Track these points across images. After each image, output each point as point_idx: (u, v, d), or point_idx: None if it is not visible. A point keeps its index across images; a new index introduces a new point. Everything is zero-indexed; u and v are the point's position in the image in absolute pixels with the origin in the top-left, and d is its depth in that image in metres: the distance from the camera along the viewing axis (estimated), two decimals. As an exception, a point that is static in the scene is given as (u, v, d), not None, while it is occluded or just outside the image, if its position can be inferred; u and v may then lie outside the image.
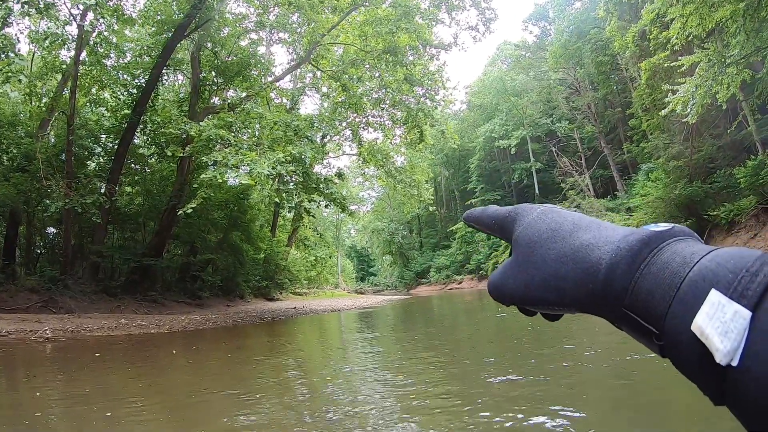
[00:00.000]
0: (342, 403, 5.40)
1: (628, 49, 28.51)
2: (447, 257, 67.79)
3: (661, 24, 23.86)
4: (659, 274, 0.41)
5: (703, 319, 0.36)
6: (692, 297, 0.37)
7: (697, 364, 0.36)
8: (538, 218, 0.55)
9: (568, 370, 6.36)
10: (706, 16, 15.80)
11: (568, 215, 0.54)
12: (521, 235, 0.55)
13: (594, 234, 0.48)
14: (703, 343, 0.36)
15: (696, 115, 16.93)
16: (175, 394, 6.32)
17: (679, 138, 27.18)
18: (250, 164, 14.70)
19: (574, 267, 0.47)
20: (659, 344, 0.40)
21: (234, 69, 24.34)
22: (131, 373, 7.96)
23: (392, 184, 27.61)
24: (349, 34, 25.36)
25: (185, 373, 7.97)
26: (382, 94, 25.45)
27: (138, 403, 5.78)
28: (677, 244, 0.43)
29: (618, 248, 0.44)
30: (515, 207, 0.60)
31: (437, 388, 5.91)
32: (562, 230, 0.51)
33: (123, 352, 10.48)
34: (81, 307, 18.29)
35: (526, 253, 0.53)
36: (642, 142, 38.85)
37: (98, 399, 6.02)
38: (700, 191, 24.92)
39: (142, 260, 22.52)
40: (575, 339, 8.88)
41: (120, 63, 24.42)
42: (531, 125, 58.29)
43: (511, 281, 0.54)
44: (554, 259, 0.49)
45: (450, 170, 78.15)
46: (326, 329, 16.81)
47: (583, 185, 50.19)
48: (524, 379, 5.89)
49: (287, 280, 39.54)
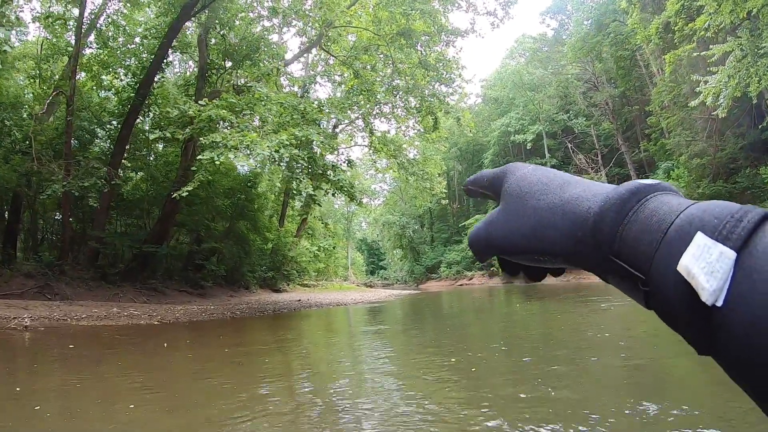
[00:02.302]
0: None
1: (651, 42, 27.56)
2: (458, 252, 66.89)
3: (687, 15, 23.03)
4: (646, 220, 0.42)
5: (689, 260, 0.36)
6: (679, 240, 0.38)
7: (683, 306, 0.37)
8: (529, 173, 0.57)
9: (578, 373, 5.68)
10: (740, 3, 14.85)
11: (559, 173, 0.55)
12: (511, 185, 0.57)
13: (584, 188, 0.50)
14: (688, 283, 0.36)
15: (726, 107, 16.03)
16: (119, 406, 5.55)
17: (702, 135, 26.26)
18: (250, 145, 13.96)
19: (564, 217, 0.48)
20: (645, 290, 0.41)
21: (242, 53, 23.66)
22: (92, 372, 7.26)
23: (404, 177, 26.81)
24: (363, 19, 24.66)
25: (153, 375, 7.22)
26: (396, 81, 24.64)
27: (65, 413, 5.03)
28: (665, 195, 0.44)
29: (607, 197, 0.45)
30: (507, 165, 0.62)
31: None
32: (552, 184, 0.53)
33: (100, 345, 9.81)
34: (77, 294, 17.72)
35: (516, 202, 0.54)
36: (660, 140, 37.98)
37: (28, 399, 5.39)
38: (723, 191, 24.03)
39: (142, 247, 21.93)
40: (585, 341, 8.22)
41: (127, 47, 23.98)
42: (547, 120, 57.26)
43: (498, 230, 0.55)
44: (544, 209, 0.51)
45: (463, 165, 77.17)
46: (328, 326, 15.99)
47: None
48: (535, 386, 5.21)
49: (295, 271, 38.98)
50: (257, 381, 6.55)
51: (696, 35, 20.49)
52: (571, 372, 6.27)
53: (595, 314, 13.39)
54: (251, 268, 31.79)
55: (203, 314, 16.48)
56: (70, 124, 19.70)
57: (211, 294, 25.20)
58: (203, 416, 4.82)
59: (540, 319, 14.40)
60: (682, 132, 27.69)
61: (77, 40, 20.25)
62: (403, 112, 26.61)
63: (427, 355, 8.40)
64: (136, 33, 24.35)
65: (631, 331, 9.64)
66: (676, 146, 28.80)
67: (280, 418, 4.67)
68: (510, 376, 6.14)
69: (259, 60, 23.84)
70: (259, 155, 14.14)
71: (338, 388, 5.91)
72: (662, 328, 0.60)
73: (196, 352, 9.27)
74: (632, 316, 11.17)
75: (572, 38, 52.70)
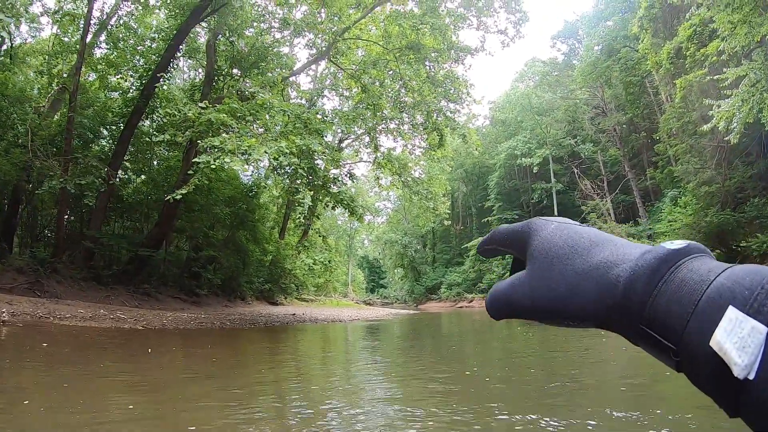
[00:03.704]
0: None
1: (662, 67, 27.31)
2: (459, 274, 66.46)
3: (699, 41, 22.83)
4: (677, 291, 0.42)
5: (722, 335, 0.37)
6: (710, 313, 0.38)
7: (715, 379, 0.38)
8: (554, 233, 0.55)
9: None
10: (756, 27, 14.57)
11: (584, 231, 0.54)
12: (537, 248, 0.55)
13: (611, 251, 0.49)
14: (720, 357, 0.37)
15: (738, 133, 15.67)
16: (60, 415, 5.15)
17: (711, 163, 25.92)
18: (247, 150, 13.63)
19: (593, 283, 0.48)
20: (676, 360, 0.41)
21: (250, 61, 23.49)
22: (57, 374, 6.86)
23: (408, 195, 26.48)
24: (373, 33, 24.57)
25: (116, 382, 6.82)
26: (403, 95, 24.41)
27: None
28: (693, 261, 0.44)
29: (636, 266, 0.45)
30: (528, 221, 0.60)
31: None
32: (579, 246, 0.52)
33: (72, 346, 9.40)
34: (68, 293, 17.34)
35: (544, 267, 0.53)
36: (667, 168, 37.70)
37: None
38: (731, 220, 23.63)
39: (138, 251, 21.56)
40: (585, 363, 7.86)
41: (136, 48, 23.94)
42: (554, 145, 57.09)
43: (524, 295, 0.54)
44: (573, 275, 0.50)
45: (468, 186, 76.99)
46: (318, 346, 15.43)
47: (604, 209, 48.94)
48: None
49: (293, 285, 38.56)
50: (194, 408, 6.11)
51: (708, 60, 20.26)
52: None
53: (595, 338, 12.99)
54: (248, 279, 31.40)
55: (192, 322, 16.03)
56: (71, 120, 19.48)
57: (206, 303, 24.77)
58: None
59: (543, 342, 13.99)
60: (690, 159, 27.36)
61: (83, 37, 20.12)
62: (409, 128, 26.33)
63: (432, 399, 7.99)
64: (146, 36, 24.32)
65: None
66: (684, 173, 28.43)
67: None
68: (509, 403, 5.90)
69: (267, 69, 23.67)
70: (257, 161, 13.81)
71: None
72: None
73: (155, 361, 8.85)
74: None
75: (582, 63, 52.63)
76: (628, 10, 45.72)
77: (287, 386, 7.03)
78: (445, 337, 17.49)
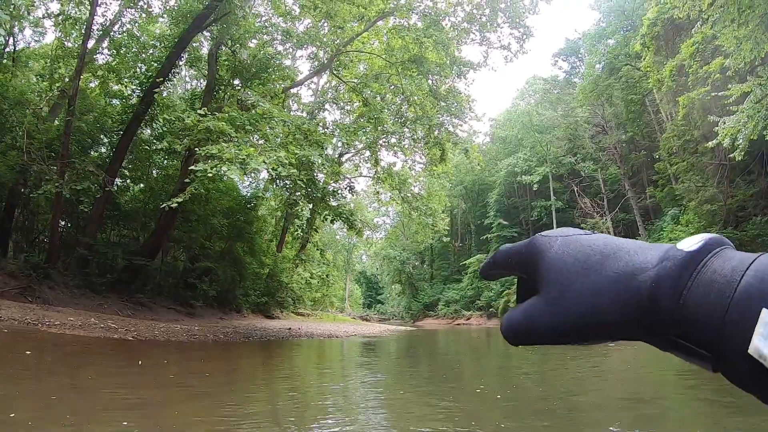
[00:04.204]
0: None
1: (665, 85, 27.21)
2: (457, 291, 66.12)
3: (702, 58, 22.78)
4: (704, 298, 0.41)
5: (760, 341, 0.36)
6: (742, 319, 0.38)
7: (756, 381, 0.37)
8: (561, 251, 0.53)
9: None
10: (762, 43, 14.44)
11: (591, 242, 0.52)
12: (548, 270, 0.53)
13: (625, 261, 0.48)
14: (759, 362, 0.36)
15: (743, 150, 15.49)
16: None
17: (712, 181, 25.78)
18: (245, 159, 13.40)
19: (614, 300, 0.46)
20: (712, 364, 0.41)
21: (252, 71, 23.38)
22: (43, 385, 6.60)
23: (407, 211, 26.30)
24: (375, 46, 24.53)
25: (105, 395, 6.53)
26: (405, 110, 24.30)
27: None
28: (715, 260, 0.43)
29: (657, 276, 0.44)
30: (530, 241, 0.58)
31: None
32: (591, 261, 0.50)
33: (56, 355, 9.11)
34: (60, 299, 17.02)
35: (559, 289, 0.51)
36: (668, 186, 37.61)
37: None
38: (734, 238, 23.34)
39: (132, 259, 21.29)
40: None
41: (138, 55, 23.86)
42: (554, 163, 57.01)
43: (542, 320, 0.52)
44: (591, 293, 0.48)
45: (468, 203, 76.87)
46: (311, 364, 15.04)
47: (604, 228, 48.75)
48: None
49: (290, 299, 38.18)
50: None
51: (711, 78, 20.17)
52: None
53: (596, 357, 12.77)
54: (245, 291, 31.05)
55: (184, 334, 15.69)
56: (70, 124, 19.27)
57: (201, 314, 24.43)
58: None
59: (542, 360, 13.76)
60: (692, 177, 27.23)
61: (84, 41, 20.01)
62: (410, 143, 26.20)
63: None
64: (149, 44, 24.26)
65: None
66: (685, 192, 28.31)
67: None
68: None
69: (269, 80, 23.56)
70: (255, 171, 13.58)
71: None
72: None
73: (145, 374, 8.56)
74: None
75: (584, 81, 52.68)
76: (630, 28, 45.86)
77: (282, 405, 6.77)
78: (445, 355, 17.23)
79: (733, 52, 15.49)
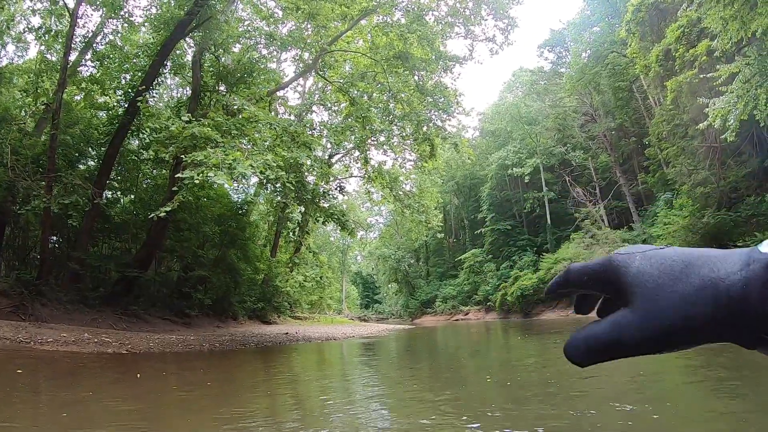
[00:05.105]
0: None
1: (651, 70, 27.15)
2: (454, 287, 66.00)
3: (688, 41, 22.73)
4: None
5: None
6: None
7: None
8: (644, 264, 0.53)
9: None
10: (748, 22, 14.34)
11: (671, 254, 0.53)
12: (634, 284, 0.53)
13: (709, 267, 0.48)
14: None
15: (734, 131, 15.38)
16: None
17: (704, 164, 25.73)
18: (232, 163, 13.18)
19: (704, 306, 0.47)
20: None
21: (236, 76, 23.18)
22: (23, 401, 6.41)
23: (400, 209, 26.19)
24: (360, 45, 24.39)
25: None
26: (392, 107, 24.13)
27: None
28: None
29: (746, 279, 0.45)
30: (607, 260, 0.57)
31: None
32: (675, 271, 0.51)
33: (48, 373, 8.90)
34: (54, 316, 16.75)
35: (649, 300, 0.51)
36: (659, 171, 37.59)
37: None
38: (728, 219, 23.41)
39: (124, 272, 21.04)
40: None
41: (122, 66, 23.62)
42: (544, 154, 56.92)
43: (634, 333, 0.52)
44: (681, 302, 0.49)
45: (460, 198, 76.82)
46: (309, 368, 14.81)
47: (597, 216, 48.74)
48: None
49: (286, 303, 37.98)
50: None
51: (698, 61, 20.11)
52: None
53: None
54: (240, 298, 30.84)
55: (179, 345, 15.45)
56: (55, 137, 19.02)
57: (197, 324, 24.19)
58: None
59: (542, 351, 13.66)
60: (683, 161, 27.17)
61: (66, 53, 19.76)
62: (399, 140, 26.04)
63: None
64: (132, 53, 24.03)
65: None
66: (677, 176, 28.24)
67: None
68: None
69: (254, 84, 23.37)
70: (242, 175, 13.36)
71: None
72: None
73: (143, 389, 8.38)
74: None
75: (570, 70, 52.63)
76: (615, 15, 45.80)
77: (284, 416, 6.60)
78: (445, 352, 17.08)
79: (720, 33, 15.40)
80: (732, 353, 8.56)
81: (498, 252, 60.04)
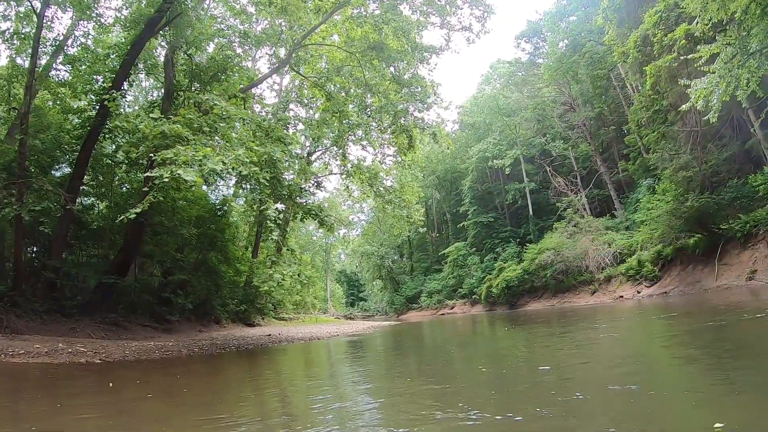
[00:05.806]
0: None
1: (630, 57, 26.99)
2: (438, 281, 65.77)
3: (666, 26, 22.59)
4: None
5: None
6: None
7: None
8: None
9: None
10: (729, 2, 14.15)
11: None
12: None
13: None
14: None
15: (717, 112, 15.18)
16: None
17: (686, 148, 25.66)
18: (202, 160, 12.69)
19: None
20: None
21: (209, 73, 22.65)
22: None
23: (381, 205, 25.87)
24: (335, 40, 23.99)
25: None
26: (369, 100, 23.77)
27: None
28: None
29: None
30: None
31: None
32: None
33: (14, 387, 8.43)
34: (30, 327, 16.20)
35: None
36: (640, 158, 37.61)
37: None
38: (712, 203, 23.33)
39: (102, 279, 20.46)
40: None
41: (92, 67, 22.98)
42: (524, 145, 56.81)
43: None
44: None
45: (442, 192, 76.73)
46: (287, 370, 14.43)
47: (579, 205, 48.79)
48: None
49: (269, 304, 37.49)
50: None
51: (677, 45, 19.94)
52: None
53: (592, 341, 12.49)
54: (223, 301, 30.36)
55: (157, 352, 14.95)
56: (24, 143, 18.39)
57: (178, 329, 23.67)
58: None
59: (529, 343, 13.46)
60: (665, 146, 27.09)
61: (33, 55, 19.16)
62: (377, 134, 25.66)
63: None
64: (104, 55, 23.42)
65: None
66: (659, 161, 28.18)
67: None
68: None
69: (228, 81, 22.89)
70: (212, 171, 12.88)
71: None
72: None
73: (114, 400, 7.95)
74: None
75: (548, 60, 52.51)
76: (591, 3, 45.60)
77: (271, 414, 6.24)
78: (434, 347, 16.82)
79: (700, 14, 15.20)
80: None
81: (481, 245, 59.93)
